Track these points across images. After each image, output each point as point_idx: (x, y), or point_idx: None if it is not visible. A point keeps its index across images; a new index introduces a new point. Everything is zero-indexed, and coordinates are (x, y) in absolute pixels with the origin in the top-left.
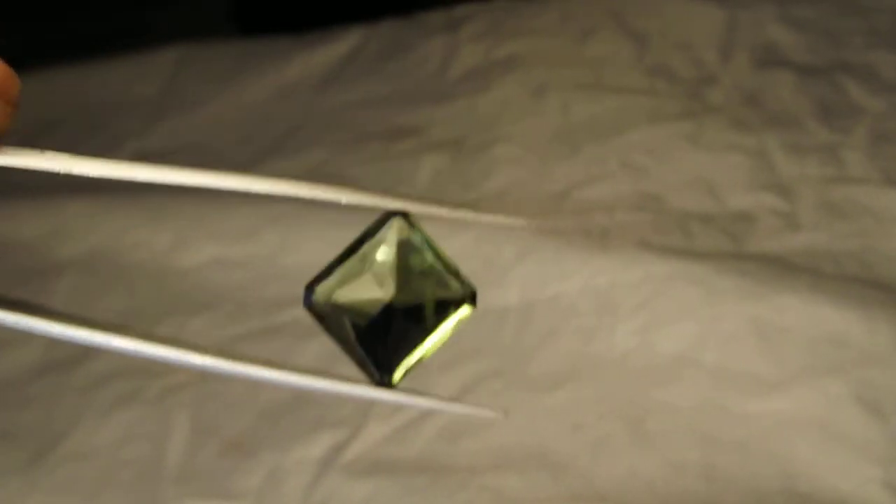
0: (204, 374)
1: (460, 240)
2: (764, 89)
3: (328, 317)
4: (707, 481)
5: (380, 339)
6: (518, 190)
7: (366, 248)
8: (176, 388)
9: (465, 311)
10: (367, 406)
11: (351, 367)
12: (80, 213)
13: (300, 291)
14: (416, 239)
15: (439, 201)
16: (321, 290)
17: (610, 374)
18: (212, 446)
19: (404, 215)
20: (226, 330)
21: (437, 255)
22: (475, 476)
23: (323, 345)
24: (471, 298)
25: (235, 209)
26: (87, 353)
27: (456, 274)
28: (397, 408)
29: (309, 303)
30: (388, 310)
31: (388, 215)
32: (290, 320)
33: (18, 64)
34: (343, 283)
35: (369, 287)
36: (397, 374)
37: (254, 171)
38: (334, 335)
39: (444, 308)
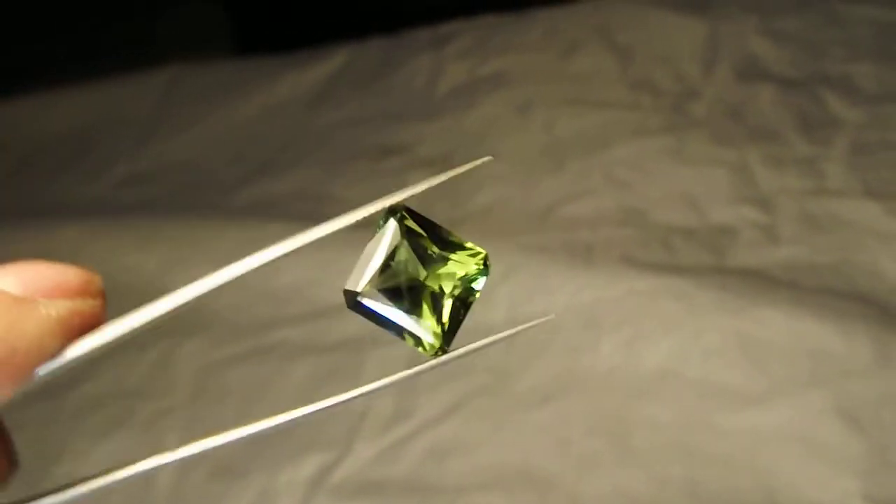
0: (193, 397)
1: None
2: (745, 102)
3: (370, 308)
4: (690, 497)
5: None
6: (504, 206)
7: (378, 253)
8: (166, 412)
9: (479, 269)
10: (355, 427)
11: (340, 385)
12: (68, 236)
13: (290, 311)
14: (415, 231)
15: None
16: (356, 287)
17: (595, 390)
18: (201, 469)
19: (396, 210)
20: (217, 352)
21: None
22: (462, 495)
23: (313, 364)
24: (483, 265)
25: (225, 231)
26: (79, 376)
27: (460, 245)
28: (385, 428)
29: (354, 302)
30: (422, 286)
31: (385, 214)
32: (281, 340)
33: (8, 83)
34: (374, 280)
35: (398, 277)
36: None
37: (244, 191)
38: (380, 324)
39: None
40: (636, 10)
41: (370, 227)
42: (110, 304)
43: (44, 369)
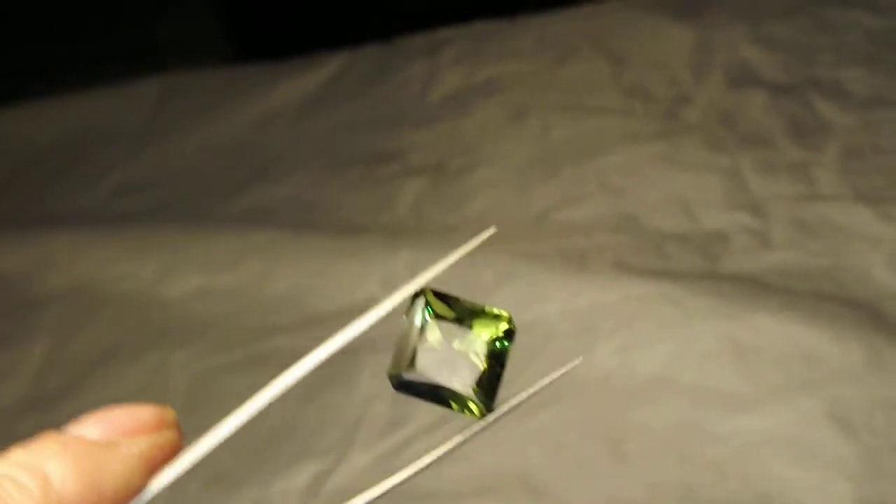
0: (187, 406)
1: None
2: (737, 108)
3: (418, 386)
4: (684, 502)
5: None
6: (498, 212)
7: (412, 335)
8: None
9: (504, 329)
10: (350, 434)
11: (336, 393)
12: (63, 245)
13: (284, 319)
14: (440, 308)
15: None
16: (398, 369)
17: (590, 396)
18: (195, 480)
19: (420, 294)
20: (210, 360)
21: (459, 308)
22: (458, 502)
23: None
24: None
25: (219, 239)
26: (73, 387)
27: (483, 312)
28: (380, 435)
29: (399, 383)
30: (457, 356)
31: (412, 298)
32: (275, 348)
33: (1, 92)
34: (413, 360)
35: (433, 353)
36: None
37: (239, 198)
38: (428, 398)
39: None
40: (629, 16)
41: (359, 235)
42: (107, 312)
43: None
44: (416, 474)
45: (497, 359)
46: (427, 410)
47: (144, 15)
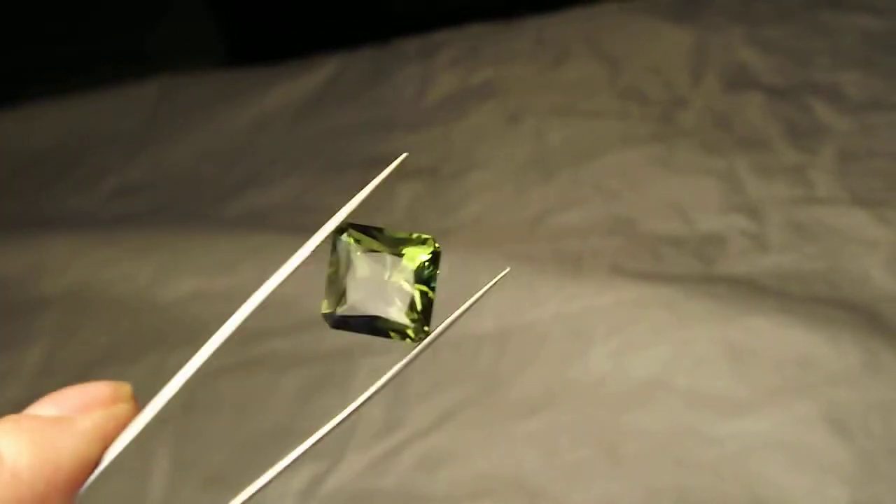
0: (185, 409)
1: None
2: (734, 111)
3: (354, 321)
4: None
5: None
6: (493, 216)
7: (341, 272)
8: (156, 423)
9: (430, 253)
10: (346, 437)
11: (331, 395)
12: (61, 248)
13: (279, 322)
14: (365, 241)
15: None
16: (331, 307)
17: (585, 399)
18: (193, 481)
19: (343, 229)
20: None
21: (382, 238)
22: None
23: (302, 375)
24: (434, 250)
25: (216, 242)
26: None
27: (408, 239)
28: (375, 438)
29: (335, 321)
30: (388, 286)
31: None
32: (270, 352)
33: (2, 93)
34: (345, 296)
35: (365, 286)
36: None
37: (235, 201)
38: (365, 331)
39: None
40: (625, 19)
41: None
42: (103, 315)
43: (89, 480)
44: (363, 403)
45: (427, 283)
46: (422, 414)
47: (142, 18)
